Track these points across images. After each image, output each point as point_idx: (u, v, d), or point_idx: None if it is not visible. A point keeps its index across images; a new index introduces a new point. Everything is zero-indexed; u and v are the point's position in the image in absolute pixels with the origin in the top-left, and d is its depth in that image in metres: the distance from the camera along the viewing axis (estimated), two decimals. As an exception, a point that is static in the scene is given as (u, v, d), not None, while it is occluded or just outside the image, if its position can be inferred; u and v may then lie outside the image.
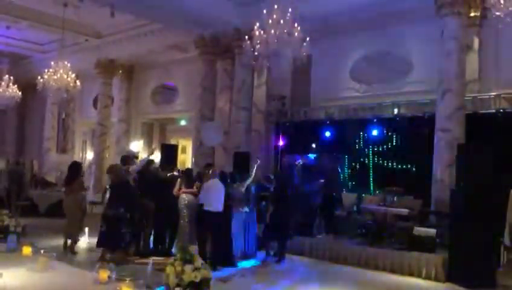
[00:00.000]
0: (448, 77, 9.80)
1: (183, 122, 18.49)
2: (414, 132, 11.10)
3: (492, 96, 10.33)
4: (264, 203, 10.47)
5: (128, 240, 8.35)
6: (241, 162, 11.58)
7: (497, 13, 6.89)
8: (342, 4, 11.16)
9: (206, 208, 8.36)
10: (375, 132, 11.71)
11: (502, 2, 6.77)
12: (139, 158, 10.56)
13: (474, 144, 9.18)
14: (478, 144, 9.05)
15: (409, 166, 11.31)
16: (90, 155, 20.38)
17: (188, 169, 10.70)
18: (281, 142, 13.47)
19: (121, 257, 8.00)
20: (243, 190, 9.40)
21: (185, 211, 9.09)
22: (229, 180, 9.08)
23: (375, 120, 11.65)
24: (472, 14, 10.55)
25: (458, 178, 8.42)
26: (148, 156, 9.37)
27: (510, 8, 6.57)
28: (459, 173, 8.40)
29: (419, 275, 8.33)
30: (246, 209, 9.43)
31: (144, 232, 9.15)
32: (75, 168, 9.71)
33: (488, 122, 9.98)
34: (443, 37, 9.87)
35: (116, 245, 8.15)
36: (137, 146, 18.20)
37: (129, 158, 9.36)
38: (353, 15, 11.54)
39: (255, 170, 9.71)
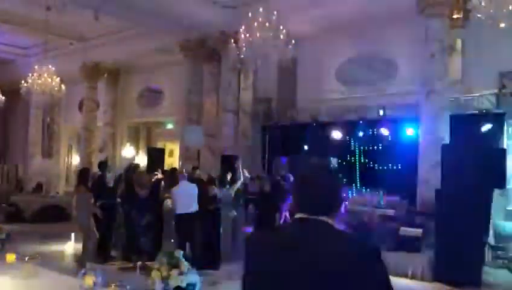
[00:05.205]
0: (432, 78, 9.91)
1: (169, 126, 18.39)
2: (399, 133, 11.18)
3: (475, 96, 10.46)
4: (250, 206, 10.45)
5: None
6: (229, 164, 11.53)
7: (479, 15, 7.00)
8: (327, 6, 11.22)
9: (177, 211, 8.32)
10: (361, 134, 11.78)
11: (483, 4, 6.88)
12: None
13: (458, 144, 9.28)
14: (462, 144, 9.16)
15: (395, 167, 11.39)
16: (76, 160, 20.20)
17: (173, 169, 10.40)
18: (267, 144, 13.48)
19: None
20: (232, 193, 9.39)
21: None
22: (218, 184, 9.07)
23: (360, 122, 11.71)
24: (455, 16, 10.68)
25: (443, 178, 8.49)
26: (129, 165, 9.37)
27: (491, 11, 6.67)
28: (444, 173, 8.48)
29: (405, 275, 8.37)
30: (234, 212, 9.41)
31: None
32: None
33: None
34: (426, 39, 9.97)
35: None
36: (130, 152, 18.09)
37: (105, 165, 9.35)
38: (338, 17, 11.61)
39: (241, 172, 9.69)
